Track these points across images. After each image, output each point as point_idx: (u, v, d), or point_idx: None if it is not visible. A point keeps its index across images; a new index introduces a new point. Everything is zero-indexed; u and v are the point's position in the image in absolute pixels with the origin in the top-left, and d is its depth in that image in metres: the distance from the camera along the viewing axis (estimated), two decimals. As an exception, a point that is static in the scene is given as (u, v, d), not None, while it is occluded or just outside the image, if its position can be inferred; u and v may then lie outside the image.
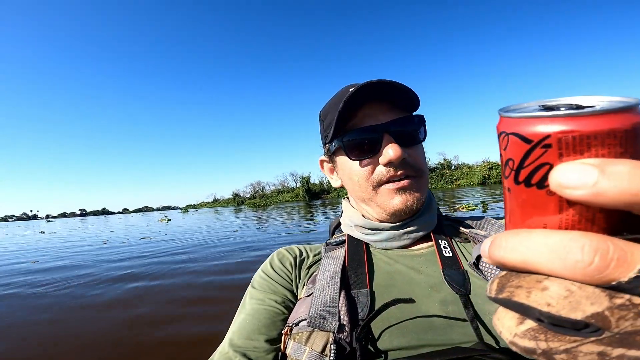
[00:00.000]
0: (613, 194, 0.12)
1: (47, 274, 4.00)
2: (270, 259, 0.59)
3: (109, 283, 3.39)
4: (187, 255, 4.80)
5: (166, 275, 3.61)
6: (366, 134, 0.51)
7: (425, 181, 0.54)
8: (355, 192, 0.56)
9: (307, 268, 0.57)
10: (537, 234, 0.14)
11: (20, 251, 6.58)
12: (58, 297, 3.00)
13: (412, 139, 0.53)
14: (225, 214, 17.99)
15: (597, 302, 0.13)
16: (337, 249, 0.57)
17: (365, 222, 0.56)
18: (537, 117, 0.15)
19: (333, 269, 0.50)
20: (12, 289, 3.34)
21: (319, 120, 0.61)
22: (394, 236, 0.54)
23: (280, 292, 0.53)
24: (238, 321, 0.50)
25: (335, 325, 0.41)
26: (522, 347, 0.15)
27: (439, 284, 0.47)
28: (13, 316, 2.58)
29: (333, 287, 0.46)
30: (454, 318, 0.42)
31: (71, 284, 3.44)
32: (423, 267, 0.50)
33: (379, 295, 0.47)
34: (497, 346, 0.39)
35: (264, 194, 71.64)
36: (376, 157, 0.51)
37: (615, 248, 0.13)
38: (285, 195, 59.40)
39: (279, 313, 0.50)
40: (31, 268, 4.56)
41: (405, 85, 0.49)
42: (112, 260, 4.86)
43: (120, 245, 6.58)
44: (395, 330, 0.42)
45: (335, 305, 0.43)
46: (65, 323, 2.35)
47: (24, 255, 5.99)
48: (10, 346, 2.02)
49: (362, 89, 0.48)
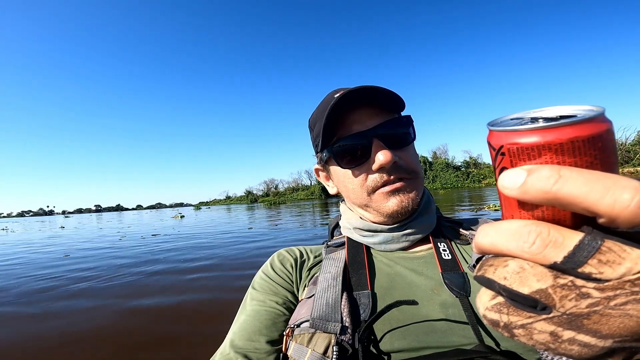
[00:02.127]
0: (534, 193, 0.16)
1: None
2: (271, 260, 0.61)
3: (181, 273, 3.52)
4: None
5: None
6: (355, 141, 0.52)
7: (420, 182, 0.55)
8: (351, 198, 0.57)
9: (308, 269, 0.58)
10: (504, 222, 0.18)
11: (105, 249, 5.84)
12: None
13: (402, 141, 0.54)
14: (244, 212, 18.14)
15: (543, 279, 0.16)
16: (338, 251, 0.58)
17: (363, 225, 0.57)
18: (498, 130, 0.19)
19: (334, 271, 0.51)
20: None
21: (309, 129, 0.62)
22: (392, 238, 0.55)
23: (281, 294, 0.54)
24: (239, 322, 0.52)
25: (337, 327, 0.42)
26: (489, 319, 0.18)
27: (439, 286, 0.48)
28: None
29: (335, 288, 0.48)
30: (454, 321, 0.43)
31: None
32: (423, 269, 0.52)
33: (380, 297, 0.48)
34: (497, 348, 0.40)
35: (278, 191, 72.48)
36: (368, 163, 0.52)
37: (552, 232, 0.16)
38: (300, 193, 59.93)
39: (280, 314, 0.51)
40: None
41: (387, 89, 0.50)
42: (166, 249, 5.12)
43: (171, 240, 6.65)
44: (396, 332, 0.43)
45: (337, 306, 0.45)
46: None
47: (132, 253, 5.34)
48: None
49: (345, 96, 0.49)
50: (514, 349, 0.41)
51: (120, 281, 3.30)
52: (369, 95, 0.51)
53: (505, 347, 0.41)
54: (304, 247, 0.64)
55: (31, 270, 4.14)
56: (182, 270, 3.61)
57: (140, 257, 4.70)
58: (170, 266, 3.88)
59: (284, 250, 0.63)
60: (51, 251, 6.05)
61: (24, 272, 4.08)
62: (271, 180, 78.76)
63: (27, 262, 4.87)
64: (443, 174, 42.13)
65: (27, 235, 10.72)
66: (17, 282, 3.54)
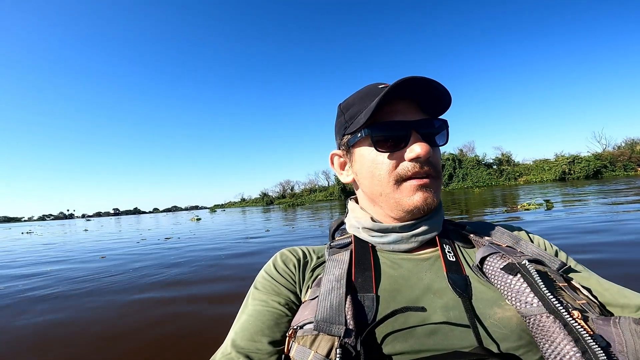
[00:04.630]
0: None
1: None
2: (274, 260, 0.63)
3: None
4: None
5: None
6: (396, 129, 0.55)
7: (441, 183, 0.59)
8: (373, 186, 0.59)
9: (312, 270, 0.60)
10: None
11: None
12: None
13: (436, 141, 0.58)
14: (262, 214, 18.31)
15: None
16: (342, 252, 0.60)
17: (373, 225, 0.59)
18: None
19: (338, 272, 0.53)
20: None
21: (339, 112, 0.64)
22: (401, 238, 0.58)
23: (283, 294, 0.56)
24: (240, 322, 0.53)
25: (342, 330, 0.44)
26: None
27: (442, 289, 0.51)
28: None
29: (339, 290, 0.49)
30: (455, 323, 0.45)
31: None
32: (426, 271, 0.54)
33: (384, 300, 0.50)
34: (496, 351, 0.42)
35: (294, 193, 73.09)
36: (402, 152, 0.55)
37: None
38: (318, 194, 60.01)
39: (282, 315, 0.53)
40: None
41: (441, 85, 0.53)
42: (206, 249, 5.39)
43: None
44: (398, 335, 0.45)
45: (341, 309, 0.46)
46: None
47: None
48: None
49: (400, 85, 0.52)
50: (514, 351, 0.42)
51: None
52: (418, 88, 0.54)
53: (505, 349, 0.43)
54: (306, 247, 0.66)
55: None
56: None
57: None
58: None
59: (287, 250, 0.65)
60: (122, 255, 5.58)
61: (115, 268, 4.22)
62: (287, 182, 79.54)
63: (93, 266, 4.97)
64: (474, 171, 40.73)
65: (64, 238, 10.85)
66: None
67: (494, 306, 0.47)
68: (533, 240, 0.63)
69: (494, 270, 0.51)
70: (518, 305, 0.46)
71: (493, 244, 0.57)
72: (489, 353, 0.40)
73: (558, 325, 0.41)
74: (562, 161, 35.60)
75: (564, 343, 0.40)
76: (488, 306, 0.47)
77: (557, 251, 0.62)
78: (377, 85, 0.60)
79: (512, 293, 0.47)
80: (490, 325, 0.45)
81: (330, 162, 0.70)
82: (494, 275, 0.50)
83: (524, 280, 0.47)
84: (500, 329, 0.45)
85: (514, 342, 0.44)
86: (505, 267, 0.50)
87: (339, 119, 0.65)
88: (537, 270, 0.48)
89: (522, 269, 0.48)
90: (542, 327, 0.42)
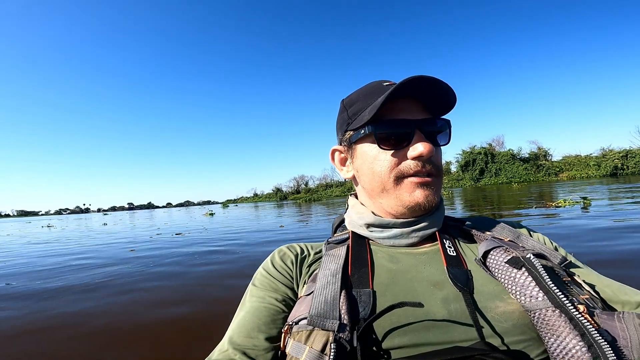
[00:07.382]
0: None
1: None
2: (272, 257, 0.65)
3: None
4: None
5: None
6: (400, 127, 0.58)
7: (441, 182, 0.62)
8: (374, 183, 0.61)
9: (308, 266, 0.63)
10: None
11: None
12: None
13: (439, 140, 0.61)
14: (277, 209, 18.18)
15: None
16: (338, 247, 0.62)
17: (375, 220, 0.61)
18: None
19: (334, 267, 0.55)
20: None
21: (342, 108, 0.66)
22: (402, 234, 0.61)
23: (280, 290, 0.59)
24: (238, 319, 0.56)
25: (335, 324, 0.45)
26: None
27: (441, 282, 0.52)
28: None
29: (333, 285, 0.51)
30: (456, 318, 0.46)
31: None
32: (426, 265, 0.56)
33: (381, 294, 0.51)
34: (498, 345, 0.43)
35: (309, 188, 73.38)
36: (404, 150, 0.58)
37: None
38: (334, 190, 60.01)
39: (279, 311, 0.56)
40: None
41: (447, 85, 0.56)
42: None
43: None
44: (396, 329, 0.46)
45: (335, 304, 0.48)
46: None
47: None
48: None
49: (407, 83, 0.54)
50: (516, 345, 0.43)
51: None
52: (424, 88, 0.57)
53: (507, 343, 0.43)
54: (305, 243, 0.69)
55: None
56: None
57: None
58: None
59: (285, 246, 0.67)
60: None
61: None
62: (301, 177, 79.86)
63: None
64: (509, 166, 39.26)
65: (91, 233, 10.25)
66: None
67: (496, 300, 0.48)
68: (532, 236, 0.64)
69: (498, 264, 0.52)
70: (523, 299, 0.47)
71: (495, 238, 0.58)
72: (491, 347, 0.40)
73: (564, 319, 0.42)
74: (613, 155, 33.72)
75: (569, 337, 0.41)
76: (490, 300, 0.48)
77: (557, 247, 0.63)
78: (382, 83, 0.62)
79: (516, 287, 0.48)
80: (491, 319, 0.46)
81: (331, 158, 0.72)
82: (498, 269, 0.51)
83: (529, 274, 0.48)
84: (502, 322, 0.45)
85: (516, 336, 0.44)
86: (509, 261, 0.51)
87: (341, 115, 0.67)
88: (543, 265, 0.48)
89: (527, 263, 0.49)
90: (547, 321, 0.43)
